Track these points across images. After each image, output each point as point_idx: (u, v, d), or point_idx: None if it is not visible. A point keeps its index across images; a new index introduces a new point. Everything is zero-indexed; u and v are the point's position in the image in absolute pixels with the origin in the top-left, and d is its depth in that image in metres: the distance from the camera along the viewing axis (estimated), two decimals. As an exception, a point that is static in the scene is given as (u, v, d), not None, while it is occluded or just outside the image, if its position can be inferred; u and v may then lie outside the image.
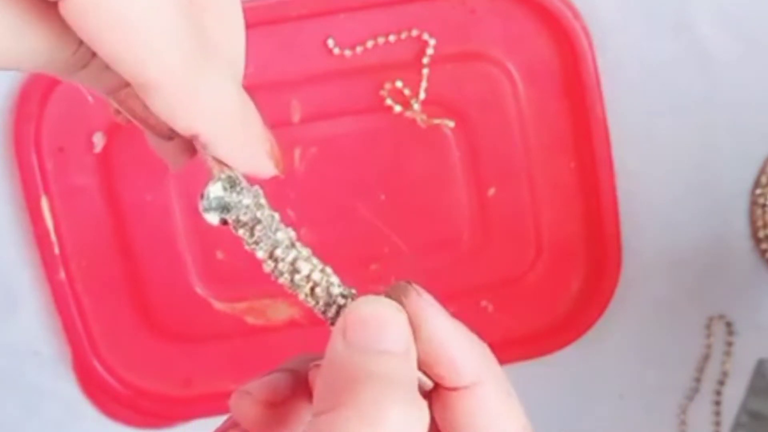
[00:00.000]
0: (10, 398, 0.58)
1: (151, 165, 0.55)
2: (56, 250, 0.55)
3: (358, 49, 0.55)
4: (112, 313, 0.57)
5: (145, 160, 0.55)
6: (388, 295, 0.28)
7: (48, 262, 0.55)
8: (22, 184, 0.55)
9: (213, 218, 0.27)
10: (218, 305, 0.57)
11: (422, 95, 0.55)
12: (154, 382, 0.58)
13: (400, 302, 0.28)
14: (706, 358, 0.60)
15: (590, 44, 0.54)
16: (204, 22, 0.26)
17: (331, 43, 0.55)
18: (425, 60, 0.55)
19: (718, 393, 0.60)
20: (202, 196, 0.27)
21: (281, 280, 0.28)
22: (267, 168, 0.29)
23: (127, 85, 0.25)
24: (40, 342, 0.58)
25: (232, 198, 0.27)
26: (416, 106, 0.55)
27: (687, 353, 0.60)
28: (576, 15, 0.54)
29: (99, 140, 0.55)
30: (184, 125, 0.26)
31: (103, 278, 0.57)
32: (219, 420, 0.31)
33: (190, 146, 0.28)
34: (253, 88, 0.27)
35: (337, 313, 0.28)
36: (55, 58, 0.25)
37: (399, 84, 0.55)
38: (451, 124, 0.56)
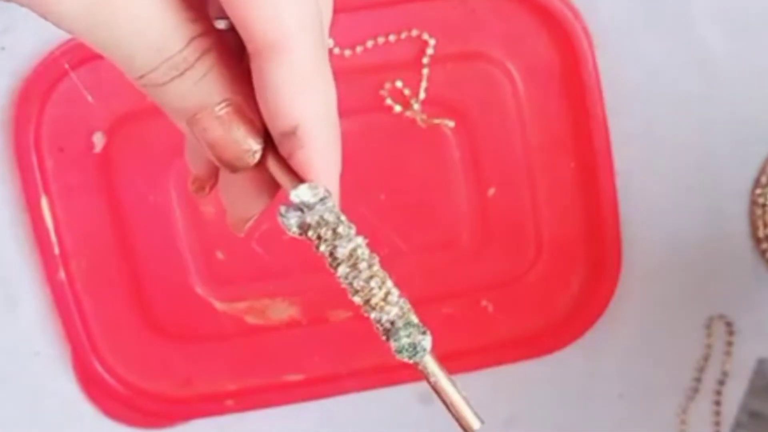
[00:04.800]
0: (10, 398, 0.58)
1: (151, 165, 0.55)
2: (56, 250, 0.55)
3: (358, 49, 0.55)
4: (112, 313, 0.57)
5: (145, 160, 0.55)
6: None
7: (48, 262, 0.55)
8: (22, 184, 0.55)
9: (294, 227, 0.26)
10: (218, 305, 0.57)
11: (422, 95, 0.55)
12: (154, 382, 0.58)
13: None
14: (706, 358, 0.59)
15: (590, 44, 0.54)
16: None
17: (331, 43, 0.55)
18: (425, 60, 0.55)
19: (718, 393, 0.60)
20: (284, 206, 0.26)
21: (355, 293, 0.26)
22: (336, 186, 0.27)
23: (212, 104, 0.24)
24: (40, 342, 0.58)
25: (317, 207, 0.25)
26: (416, 106, 0.55)
27: (687, 353, 0.60)
28: (576, 15, 0.54)
29: (99, 140, 0.55)
30: (295, 110, 0.24)
31: (103, 278, 0.57)
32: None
33: (262, 183, 0.27)
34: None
35: (387, 333, 0.27)
36: (162, 51, 0.24)
37: (399, 84, 0.55)
38: (451, 124, 0.56)
